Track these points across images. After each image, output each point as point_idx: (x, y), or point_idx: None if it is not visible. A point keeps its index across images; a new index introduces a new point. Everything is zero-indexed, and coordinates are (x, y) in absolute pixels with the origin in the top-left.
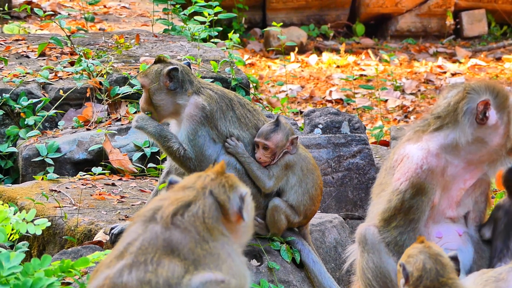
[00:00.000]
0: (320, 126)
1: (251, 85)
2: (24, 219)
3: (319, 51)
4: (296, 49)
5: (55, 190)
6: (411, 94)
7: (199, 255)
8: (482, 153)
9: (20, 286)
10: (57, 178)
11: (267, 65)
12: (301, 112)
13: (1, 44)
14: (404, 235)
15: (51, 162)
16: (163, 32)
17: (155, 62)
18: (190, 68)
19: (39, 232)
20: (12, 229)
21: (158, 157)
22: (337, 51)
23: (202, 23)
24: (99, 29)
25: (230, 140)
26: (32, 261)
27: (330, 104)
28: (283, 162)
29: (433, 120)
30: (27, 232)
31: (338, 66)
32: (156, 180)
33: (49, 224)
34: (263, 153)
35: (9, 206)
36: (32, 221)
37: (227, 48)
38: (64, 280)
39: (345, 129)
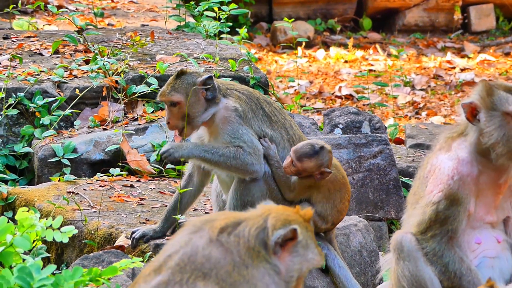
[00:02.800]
0: (340, 126)
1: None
2: (50, 226)
3: (326, 45)
4: (304, 43)
5: (73, 192)
6: (421, 90)
7: (235, 280)
8: (498, 158)
9: None
10: (74, 179)
11: (274, 60)
12: (316, 110)
13: (13, 41)
14: (442, 244)
15: (67, 162)
16: (176, 29)
17: (179, 76)
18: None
19: (66, 240)
20: (36, 235)
21: None
22: (344, 45)
23: (214, 18)
24: (108, 25)
25: (263, 140)
26: (64, 273)
27: (339, 100)
28: (307, 182)
29: (462, 125)
30: (53, 239)
31: (346, 61)
32: (175, 182)
33: (76, 231)
34: (290, 165)
35: (31, 212)
36: (58, 228)
37: (232, 43)
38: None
39: (365, 129)
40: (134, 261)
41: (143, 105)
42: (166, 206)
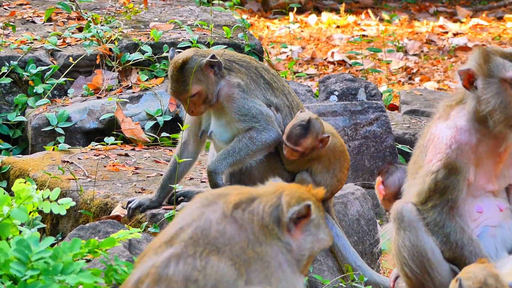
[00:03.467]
0: (336, 93)
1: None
2: (48, 197)
3: (318, 11)
4: (295, 9)
5: (67, 161)
6: (414, 55)
7: (249, 257)
8: (496, 125)
9: (50, 271)
10: (69, 148)
11: (266, 26)
12: (308, 76)
13: (5, 8)
14: (443, 214)
15: (61, 131)
16: None
17: (182, 68)
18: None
19: (63, 212)
20: (33, 207)
21: (171, 126)
22: (336, 10)
23: None
24: None
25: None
26: (62, 245)
27: (332, 66)
28: (308, 156)
29: (459, 92)
30: (50, 211)
31: (338, 26)
32: (170, 150)
33: (73, 203)
34: (291, 153)
35: (28, 183)
36: (55, 200)
37: (225, 9)
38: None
39: (361, 96)
40: (132, 232)
41: (137, 73)
42: (161, 175)
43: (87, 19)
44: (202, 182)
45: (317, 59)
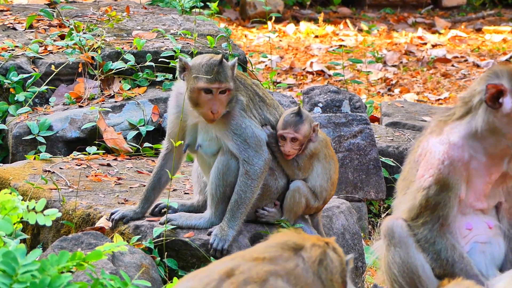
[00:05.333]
0: (320, 104)
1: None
2: (33, 208)
3: (296, 20)
4: (273, 18)
5: (49, 171)
6: (393, 66)
7: None
8: (502, 147)
9: (37, 285)
10: (50, 157)
11: (244, 34)
12: (288, 86)
13: None
14: (434, 231)
15: (43, 140)
16: (150, 3)
17: (222, 63)
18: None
19: (49, 224)
20: (18, 217)
21: (153, 136)
22: (314, 20)
23: None
24: None
25: (266, 128)
26: (49, 258)
27: (310, 76)
28: (308, 151)
29: (458, 108)
30: (36, 223)
31: (316, 36)
32: (153, 161)
33: (59, 214)
34: (291, 145)
35: (14, 194)
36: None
37: (205, 17)
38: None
39: (345, 108)
40: (119, 244)
41: (120, 82)
42: (144, 186)
43: (69, 26)
44: (185, 193)
45: (296, 69)
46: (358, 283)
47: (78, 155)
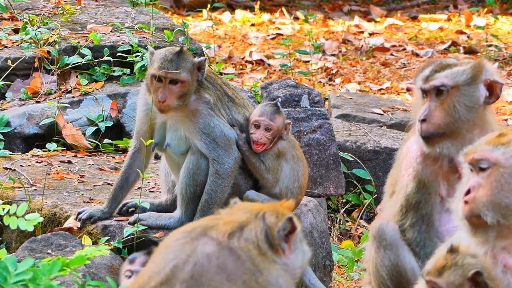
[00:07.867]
0: (279, 99)
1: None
2: (14, 213)
3: (231, 8)
4: (208, 6)
5: (9, 168)
6: (332, 55)
7: None
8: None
9: None
10: (10, 155)
11: (179, 23)
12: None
13: None
14: (422, 234)
15: (0, 137)
16: None
17: (180, 53)
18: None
19: (31, 229)
20: None
21: (112, 132)
22: (250, 8)
23: None
24: None
25: (234, 130)
26: (42, 267)
27: (250, 65)
28: (275, 150)
29: None
30: (17, 227)
31: (253, 25)
32: (113, 157)
33: (41, 219)
34: (263, 133)
35: None
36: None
37: (141, 4)
38: None
39: (304, 102)
40: (101, 249)
41: (77, 76)
42: (108, 184)
43: (22, 20)
44: (150, 192)
45: (235, 58)
46: (326, 281)
47: (37, 152)
